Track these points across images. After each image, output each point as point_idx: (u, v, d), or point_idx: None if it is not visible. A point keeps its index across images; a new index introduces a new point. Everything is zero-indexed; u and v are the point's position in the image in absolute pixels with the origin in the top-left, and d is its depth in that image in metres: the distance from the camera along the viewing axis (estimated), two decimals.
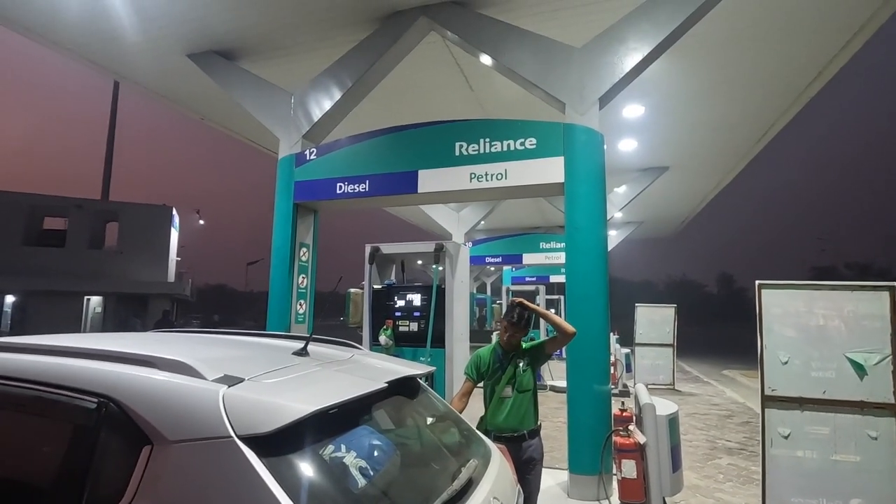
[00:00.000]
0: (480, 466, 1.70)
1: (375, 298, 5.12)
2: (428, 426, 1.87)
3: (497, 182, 4.61)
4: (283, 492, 1.08)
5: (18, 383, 1.37)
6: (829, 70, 6.46)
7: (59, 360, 1.42)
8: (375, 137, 5.19)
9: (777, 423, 3.96)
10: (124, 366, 1.37)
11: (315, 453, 1.25)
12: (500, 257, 11.97)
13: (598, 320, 4.32)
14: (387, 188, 5.00)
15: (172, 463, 1.14)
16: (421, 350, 4.70)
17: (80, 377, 1.33)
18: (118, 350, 1.45)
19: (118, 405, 1.24)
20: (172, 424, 1.19)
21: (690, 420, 7.90)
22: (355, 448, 1.45)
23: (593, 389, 4.22)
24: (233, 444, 1.13)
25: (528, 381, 3.00)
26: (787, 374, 3.96)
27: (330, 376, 1.58)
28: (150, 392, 1.26)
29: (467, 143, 4.76)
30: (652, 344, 11.25)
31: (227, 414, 1.18)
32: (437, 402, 2.07)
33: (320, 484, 1.20)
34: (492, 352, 3.09)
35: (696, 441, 6.62)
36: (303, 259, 5.54)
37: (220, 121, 8.62)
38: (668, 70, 6.38)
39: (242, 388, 1.28)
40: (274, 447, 1.16)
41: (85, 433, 1.24)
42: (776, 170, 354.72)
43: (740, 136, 8.94)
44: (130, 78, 7.19)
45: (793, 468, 3.89)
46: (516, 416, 2.90)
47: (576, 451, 4.18)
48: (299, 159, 5.44)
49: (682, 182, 11.67)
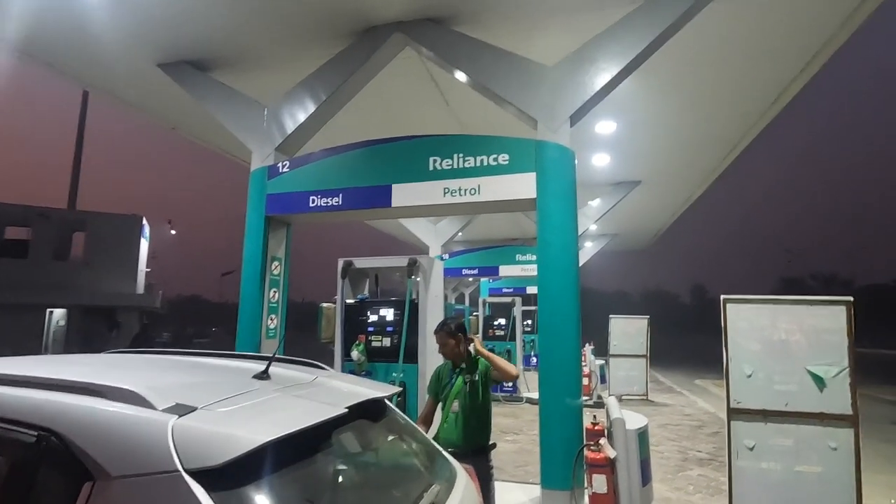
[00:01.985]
0: (443, 491, 1.68)
1: (348, 313, 5.06)
2: (392, 450, 1.84)
3: (470, 197, 4.63)
4: None
5: None
6: (789, 91, 6.74)
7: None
8: (349, 151, 5.17)
9: (742, 436, 4.05)
10: (70, 395, 1.31)
11: (269, 485, 1.22)
12: (476, 269, 12.01)
13: (570, 334, 4.36)
14: (360, 202, 4.98)
15: (114, 499, 1.09)
16: (394, 365, 4.66)
17: (19, 408, 1.27)
18: (64, 378, 1.39)
19: (60, 438, 1.19)
20: (116, 458, 1.14)
21: (663, 431, 8.01)
22: (312, 477, 1.42)
23: (565, 403, 4.24)
24: (179, 478, 1.09)
25: (477, 396, 2.96)
26: (752, 387, 4.06)
27: (288, 403, 1.55)
28: (95, 424, 1.21)
29: (441, 158, 4.78)
30: (626, 355, 11.41)
31: (175, 446, 1.14)
32: (402, 423, 2.04)
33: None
34: (448, 367, 3.10)
35: (667, 452, 6.71)
36: (274, 273, 5.45)
37: (192, 131, 8.47)
38: (639, 89, 6.55)
39: (193, 418, 1.24)
40: (224, 480, 1.12)
41: (22, 469, 1.18)
42: (746, 184, 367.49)
43: (708, 153, 9.23)
44: (99, 87, 7.03)
45: (758, 480, 3.97)
46: (461, 431, 2.88)
47: (548, 465, 4.17)
48: (272, 172, 5.38)
49: (654, 196, 11.94)
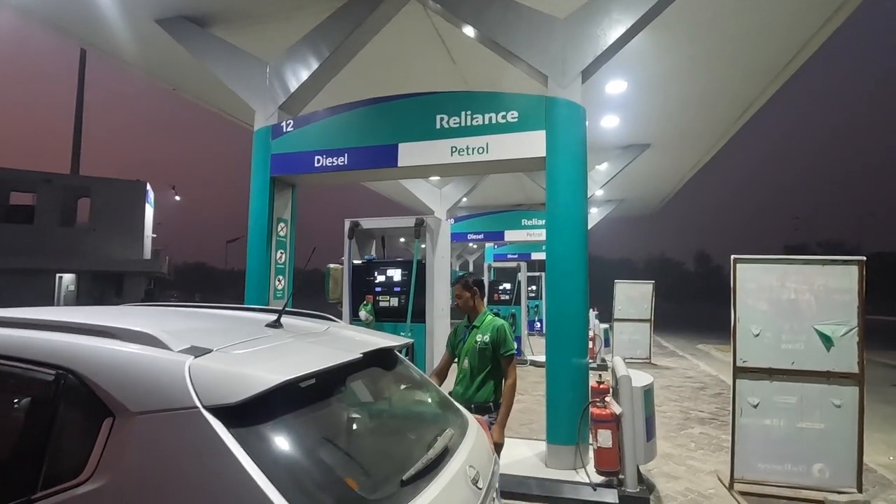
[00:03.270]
0: (457, 436, 1.70)
1: (355, 274, 5.06)
2: (405, 398, 1.86)
3: (478, 156, 4.55)
4: (251, 461, 1.06)
5: None
6: (808, 48, 6.50)
7: (15, 332, 1.36)
8: (354, 109, 5.06)
9: (747, 394, 4.09)
10: (85, 337, 1.31)
11: (286, 424, 1.23)
12: (481, 234, 11.96)
13: (578, 296, 4.36)
14: (366, 162, 4.90)
15: (136, 435, 1.11)
16: (401, 325, 4.70)
17: (37, 348, 1.27)
18: (79, 321, 1.39)
19: (77, 377, 1.19)
20: (135, 396, 1.15)
21: (665, 392, 8.13)
22: (328, 419, 1.43)
23: (571, 363, 4.28)
24: (199, 414, 1.10)
25: (485, 357, 2.93)
26: (759, 346, 4.08)
27: (303, 348, 1.55)
28: (112, 364, 1.22)
29: (448, 116, 4.67)
30: (630, 319, 11.48)
31: (192, 384, 1.14)
32: (414, 374, 2.06)
33: (291, 454, 1.18)
34: (463, 323, 3.11)
35: (670, 412, 6.82)
36: (280, 234, 5.44)
37: (193, 91, 8.31)
38: (652, 45, 6.33)
39: (210, 359, 1.24)
40: (242, 418, 1.13)
41: (43, 406, 1.19)
42: (753, 150, 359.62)
43: (720, 114, 9.00)
44: (97, 45, 6.84)
45: (761, 436, 4.03)
46: (469, 387, 2.91)
47: (553, 422, 4.25)
48: (275, 131, 5.28)
49: (662, 160, 11.74)
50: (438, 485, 1.36)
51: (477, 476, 1.58)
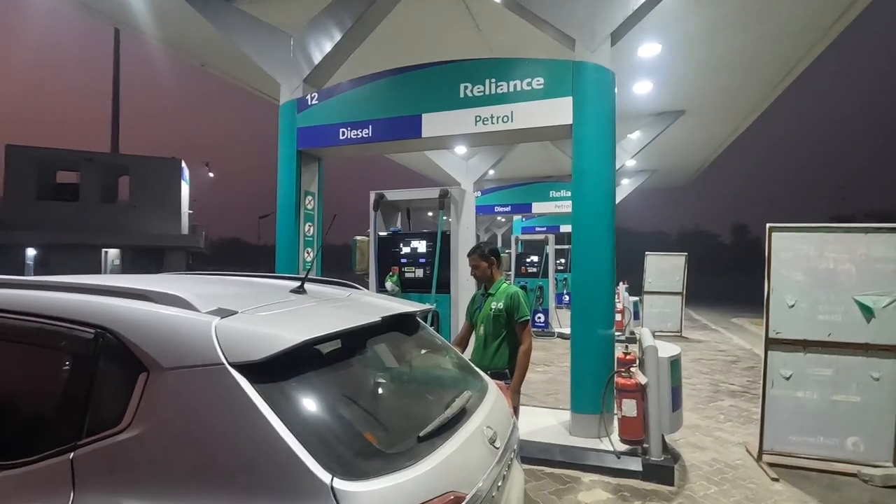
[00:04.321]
0: (475, 399, 1.74)
1: (381, 246, 5.13)
2: (425, 361, 1.90)
3: (503, 125, 4.47)
4: (273, 414, 1.11)
5: (21, 316, 1.40)
6: (860, 2, 6.02)
7: (59, 294, 1.45)
8: (378, 80, 5.03)
9: (779, 365, 3.99)
10: (122, 300, 1.39)
11: (307, 380, 1.28)
12: (508, 206, 11.85)
13: (604, 267, 4.30)
14: (390, 133, 4.89)
15: (168, 388, 1.18)
16: (427, 296, 4.76)
17: (78, 310, 1.36)
18: (115, 285, 1.47)
19: (115, 335, 1.27)
20: (167, 353, 1.22)
21: (695, 365, 8.02)
22: (348, 378, 1.48)
23: (597, 333, 4.26)
24: (224, 370, 1.16)
25: (500, 320, 2.95)
26: (793, 317, 3.95)
27: (324, 311, 1.60)
28: (145, 323, 1.29)
29: (472, 85, 4.59)
30: (661, 292, 11.27)
31: (219, 343, 1.20)
32: (436, 339, 2.10)
33: (311, 408, 1.23)
34: (480, 292, 3.13)
35: (699, 385, 6.74)
36: (308, 207, 5.53)
37: (221, 67, 8.41)
38: (687, 3, 5.99)
39: (235, 320, 1.30)
40: (266, 374, 1.19)
41: (84, 362, 1.28)
42: (795, 116, 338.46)
43: (761, 77, 8.51)
44: (127, 23, 6.98)
45: (792, 408, 3.95)
46: (485, 354, 2.94)
47: (578, 391, 4.27)
48: (301, 105, 5.31)
49: (698, 127, 11.26)
50: (454, 442, 1.40)
51: (494, 436, 1.61)
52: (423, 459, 1.26)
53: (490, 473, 1.47)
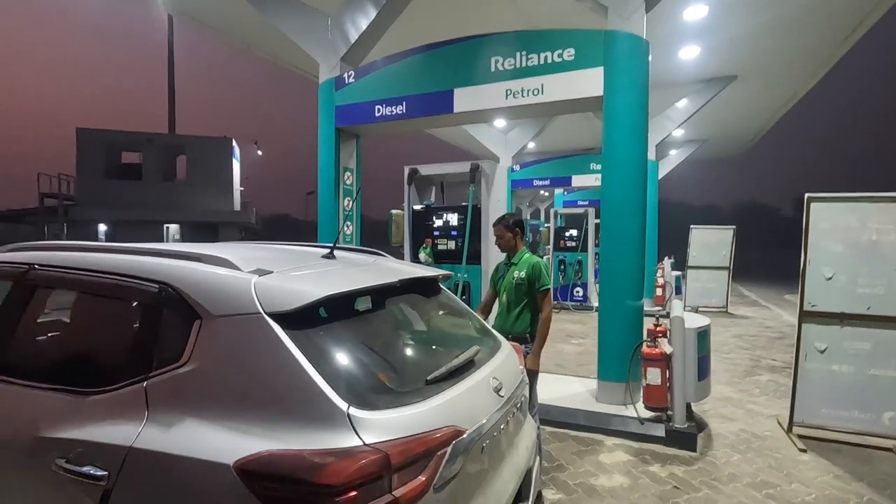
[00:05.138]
0: (485, 353, 1.92)
1: (415, 219, 5.33)
2: (441, 320, 2.09)
3: (533, 98, 4.50)
4: (302, 355, 1.33)
5: (101, 274, 1.69)
6: None
7: (130, 256, 1.73)
8: (411, 56, 5.14)
9: (814, 338, 3.93)
10: (178, 260, 1.65)
11: (331, 329, 1.50)
12: (548, 180, 11.72)
13: (633, 238, 4.32)
14: (423, 109, 5.02)
15: (216, 332, 1.42)
16: (458, 267, 4.94)
17: (145, 269, 1.62)
18: (173, 249, 1.74)
19: (174, 289, 1.53)
20: (215, 303, 1.46)
21: (737, 341, 7.86)
22: (367, 328, 1.70)
23: (624, 304, 4.32)
24: (261, 318, 1.39)
25: (521, 288, 3.08)
26: (830, 290, 3.87)
27: (348, 273, 1.81)
28: (198, 279, 1.53)
29: (503, 58, 4.62)
30: (706, 267, 10.96)
31: (257, 296, 1.43)
32: (454, 303, 2.28)
33: (333, 351, 1.45)
34: (503, 261, 3.26)
35: (739, 360, 6.64)
36: (347, 183, 5.79)
37: (266, 49, 8.72)
38: None
39: (270, 278, 1.53)
40: (296, 322, 1.40)
41: (151, 311, 1.55)
42: (863, 75, 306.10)
43: (823, 35, 7.91)
44: (178, 8, 7.37)
45: (827, 381, 3.90)
46: (507, 319, 3.09)
47: (605, 360, 4.38)
48: (338, 83, 5.51)
49: (751, 93, 10.65)
50: (460, 388, 1.60)
51: (500, 386, 1.79)
52: (429, 398, 1.46)
53: (492, 417, 1.65)
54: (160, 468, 1.28)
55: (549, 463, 3.49)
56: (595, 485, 3.21)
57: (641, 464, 3.51)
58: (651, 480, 3.27)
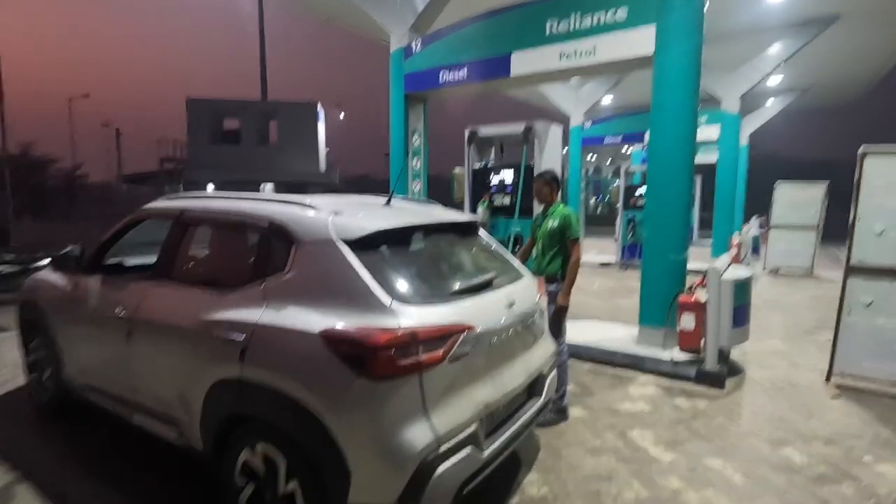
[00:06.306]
0: (503, 279, 2.45)
1: (474, 177, 5.81)
2: (472, 254, 2.65)
3: (586, 59, 4.70)
4: (363, 267, 1.96)
5: (231, 214, 2.45)
6: None
7: (249, 202, 2.46)
8: (473, 23, 5.48)
9: (859, 293, 3.98)
10: (280, 205, 2.35)
11: (383, 252, 2.11)
12: (619, 137, 11.53)
13: (677, 196, 4.50)
14: (482, 73, 5.40)
15: (306, 252, 2.09)
16: (511, 220, 5.40)
17: (259, 211, 2.34)
18: (277, 198, 2.44)
19: (278, 224, 2.21)
20: (305, 233, 2.12)
21: (812, 302, 7.64)
22: (412, 254, 2.30)
23: (666, 256, 4.57)
24: (334, 242, 2.03)
25: (554, 236, 3.48)
26: (881, 245, 3.88)
27: (399, 215, 2.40)
28: (294, 217, 2.21)
29: (558, 21, 4.83)
30: (791, 226, 10.35)
31: (332, 228, 2.07)
32: (486, 242, 2.82)
33: (385, 266, 2.05)
34: (541, 212, 3.68)
35: (803, 320, 6.54)
36: (415, 144, 6.37)
37: (345, 20, 9.37)
38: None
39: (342, 216, 2.16)
40: (359, 246, 2.03)
41: (264, 238, 2.26)
42: None
43: None
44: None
45: (870, 334, 3.97)
46: (542, 261, 3.53)
47: (646, 306, 4.70)
48: (406, 52, 6.01)
49: (857, 35, 9.59)
50: (477, 300, 2.16)
51: (513, 303, 2.33)
52: (451, 303, 2.04)
53: (501, 322, 2.21)
54: (274, 335, 1.99)
55: (582, 391, 3.99)
56: (619, 408, 3.68)
57: (668, 396, 3.90)
58: (671, 409, 3.67)
